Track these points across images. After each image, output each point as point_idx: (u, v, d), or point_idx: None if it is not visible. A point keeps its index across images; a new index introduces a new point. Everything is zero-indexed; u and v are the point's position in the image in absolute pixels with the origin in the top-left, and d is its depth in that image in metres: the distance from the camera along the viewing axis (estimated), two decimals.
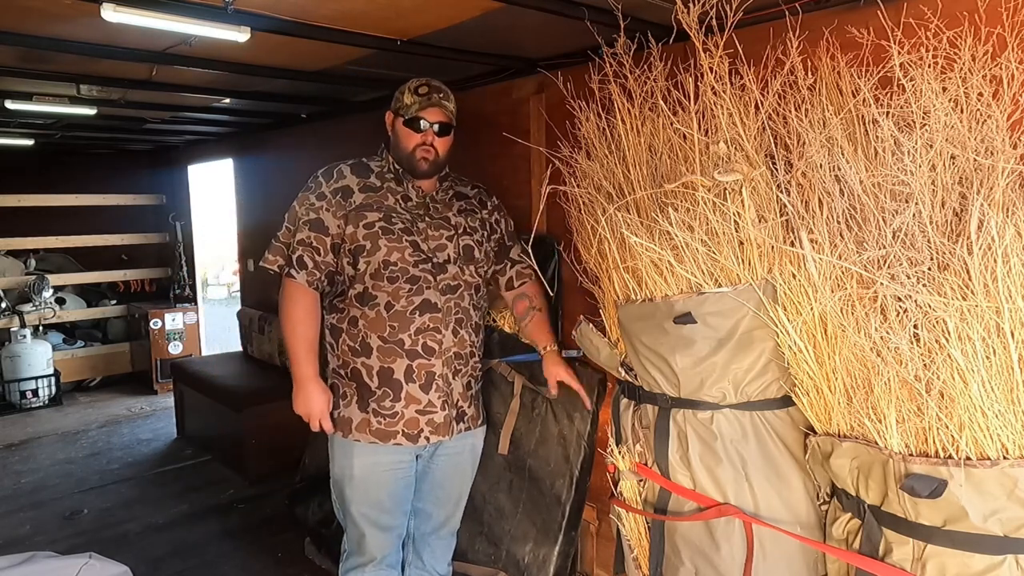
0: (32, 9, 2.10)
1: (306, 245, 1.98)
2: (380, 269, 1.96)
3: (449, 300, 2.01)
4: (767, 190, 1.67)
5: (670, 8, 1.72)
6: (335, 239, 1.99)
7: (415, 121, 2.00)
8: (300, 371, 2.02)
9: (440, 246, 2.03)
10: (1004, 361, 1.29)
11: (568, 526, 2.39)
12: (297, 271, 1.98)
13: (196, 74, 3.05)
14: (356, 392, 2.03)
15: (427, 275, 1.99)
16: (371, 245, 1.96)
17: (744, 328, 1.68)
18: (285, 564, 3.11)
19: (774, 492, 1.72)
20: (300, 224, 2.00)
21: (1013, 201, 1.33)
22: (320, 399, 2.03)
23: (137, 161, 6.93)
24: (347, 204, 1.99)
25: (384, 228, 1.97)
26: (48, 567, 1.88)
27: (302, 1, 2.04)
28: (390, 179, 2.06)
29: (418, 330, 1.98)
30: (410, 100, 2.01)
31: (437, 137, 2.02)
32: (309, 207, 2.00)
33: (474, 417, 2.17)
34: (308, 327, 2.01)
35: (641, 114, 1.88)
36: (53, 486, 4.04)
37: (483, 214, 2.19)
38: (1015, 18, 1.51)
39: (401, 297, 1.97)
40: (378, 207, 2.00)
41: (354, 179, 2.03)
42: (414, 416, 2.01)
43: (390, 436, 2.01)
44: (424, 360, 1.99)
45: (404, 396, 1.99)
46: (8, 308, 5.57)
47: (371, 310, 1.98)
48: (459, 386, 2.08)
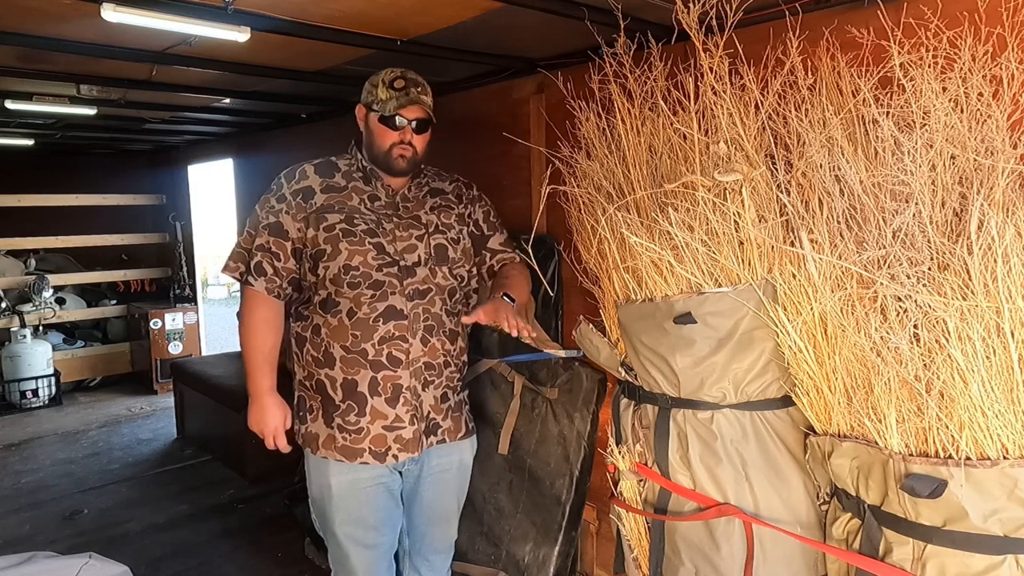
0: (32, 9, 2.10)
1: (265, 250, 1.86)
2: (340, 274, 1.83)
3: (417, 306, 1.87)
4: (767, 190, 1.67)
5: (670, 8, 1.72)
6: (296, 244, 1.87)
7: (392, 119, 1.87)
8: (254, 385, 1.92)
9: (409, 247, 1.89)
10: (1004, 361, 1.29)
11: (568, 526, 2.39)
12: (255, 278, 1.86)
13: (196, 74, 3.05)
14: (321, 406, 1.92)
15: (392, 279, 1.85)
16: (331, 249, 1.83)
17: (744, 328, 1.68)
18: (285, 564, 3.11)
19: (774, 492, 1.72)
20: (260, 228, 1.88)
21: (1013, 201, 1.33)
22: (275, 414, 1.92)
23: (137, 161, 6.94)
24: (308, 206, 1.87)
25: (345, 230, 1.84)
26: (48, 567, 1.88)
27: (302, 1, 2.04)
28: (358, 178, 1.94)
29: (382, 339, 1.85)
30: (385, 95, 1.86)
31: (415, 134, 1.89)
32: (269, 210, 1.88)
33: (452, 430, 2.00)
34: (264, 338, 1.90)
35: (641, 114, 1.88)
36: (53, 486, 4.04)
37: (459, 209, 2.03)
38: (1015, 18, 1.51)
39: (363, 304, 1.84)
40: (340, 208, 1.88)
41: (317, 179, 1.91)
42: (381, 432, 1.88)
43: (356, 454, 1.88)
44: (389, 371, 1.86)
45: (369, 411, 1.87)
46: (8, 308, 5.57)
47: (333, 318, 1.86)
48: (430, 399, 1.93)
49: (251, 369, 1.91)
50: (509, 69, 2.80)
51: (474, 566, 2.54)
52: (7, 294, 5.65)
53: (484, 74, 2.95)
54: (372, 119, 1.91)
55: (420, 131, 1.91)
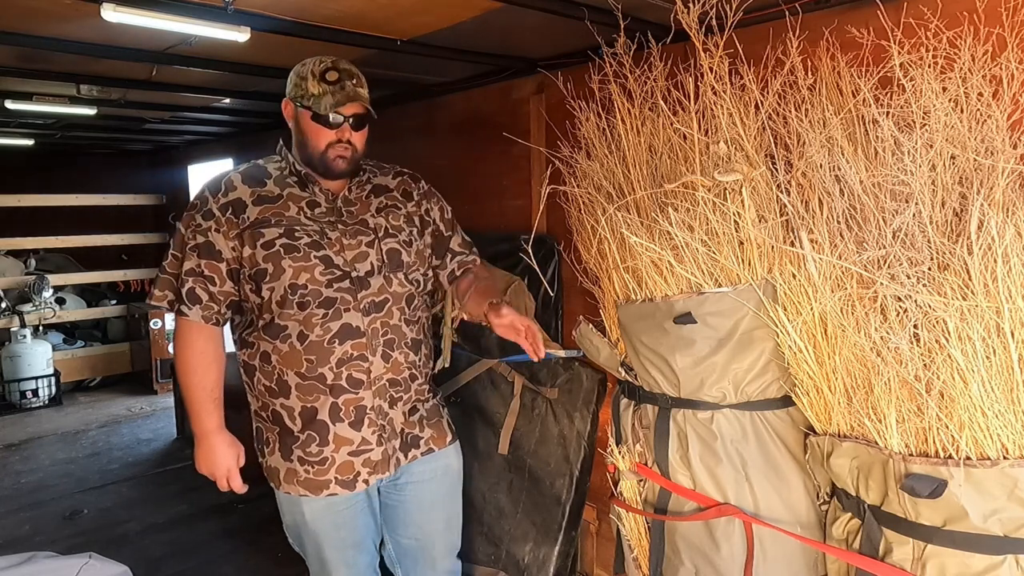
0: (32, 9, 2.10)
1: (196, 275, 1.67)
2: (287, 295, 1.65)
3: (374, 320, 1.70)
4: (767, 190, 1.67)
5: (670, 8, 1.72)
6: (231, 264, 1.67)
7: (326, 117, 1.67)
8: (199, 425, 1.74)
9: (359, 256, 1.70)
10: (1004, 361, 1.29)
11: (568, 526, 2.39)
12: (189, 306, 1.67)
13: (196, 74, 3.05)
14: (278, 438, 1.75)
15: (345, 295, 1.67)
16: (273, 268, 1.64)
17: (744, 328, 1.68)
18: (285, 564, 3.11)
19: (774, 492, 1.72)
20: (187, 250, 1.67)
21: (1013, 201, 1.34)
22: (225, 455, 1.75)
23: (137, 161, 6.94)
24: (239, 221, 1.66)
25: (287, 246, 1.65)
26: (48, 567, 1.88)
27: (302, 1, 2.04)
28: (292, 184, 1.74)
29: (340, 361, 1.67)
30: (317, 90, 1.65)
31: (354, 132, 1.70)
32: (196, 229, 1.67)
33: (437, 438, 1.86)
34: (204, 373, 1.71)
35: (641, 114, 1.88)
36: (53, 486, 4.04)
37: (408, 208, 1.84)
38: (1015, 18, 1.51)
39: (315, 325, 1.66)
40: (277, 221, 1.67)
41: (247, 190, 1.70)
42: (347, 460, 1.72)
43: (321, 487, 1.73)
44: (351, 394, 1.70)
45: (332, 438, 1.71)
46: (8, 308, 5.57)
47: (283, 343, 1.68)
48: (399, 416, 1.78)
49: (194, 409, 1.73)
50: (509, 69, 2.80)
51: (474, 566, 2.54)
52: (7, 294, 5.65)
53: (484, 74, 2.95)
54: (303, 117, 1.70)
55: (358, 127, 1.71)
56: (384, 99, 3.58)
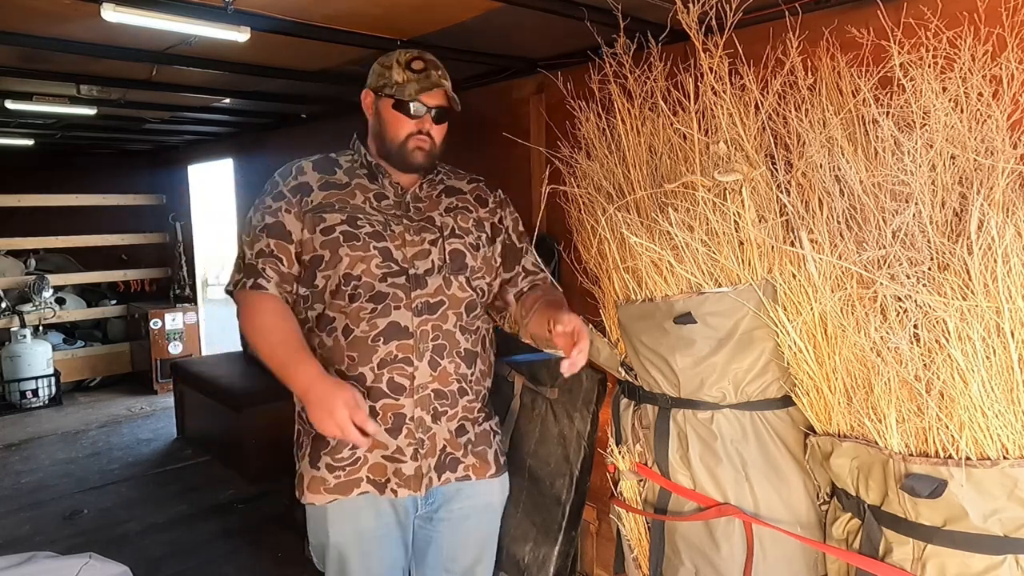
0: (32, 9, 2.10)
1: (267, 255, 1.60)
2: (340, 285, 1.58)
3: (426, 322, 1.60)
4: (767, 190, 1.67)
5: (670, 8, 1.73)
6: (298, 247, 1.62)
7: (409, 105, 1.62)
8: (300, 378, 1.51)
9: (421, 253, 1.63)
10: (1004, 361, 1.29)
11: (568, 526, 2.39)
12: (267, 280, 1.60)
13: (196, 74, 3.05)
14: (311, 442, 1.64)
15: (397, 291, 1.59)
16: (330, 255, 1.58)
17: (744, 328, 1.68)
18: (285, 564, 3.11)
19: (774, 492, 1.72)
20: (257, 232, 1.62)
21: (1013, 201, 1.33)
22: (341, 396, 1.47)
23: (137, 161, 6.93)
24: (304, 204, 1.63)
25: (347, 233, 1.59)
26: (48, 567, 1.88)
27: (302, 1, 2.04)
28: (361, 175, 1.70)
29: (382, 362, 1.58)
30: (402, 77, 1.63)
31: (434, 124, 1.67)
32: (266, 211, 1.64)
33: (478, 468, 1.70)
34: (286, 326, 1.58)
35: (641, 114, 1.88)
36: (53, 486, 4.04)
37: (481, 213, 1.78)
38: (1015, 18, 1.51)
39: (361, 320, 1.57)
40: (341, 207, 1.62)
41: (315, 175, 1.67)
42: (380, 462, 1.61)
43: (352, 487, 1.61)
44: (391, 400, 1.59)
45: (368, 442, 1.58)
46: (8, 308, 5.57)
47: (328, 337, 1.60)
48: (444, 432, 1.65)
49: (288, 363, 1.52)
50: (509, 69, 2.81)
51: None
52: (7, 294, 5.65)
53: (484, 74, 2.95)
54: (384, 105, 1.66)
55: (439, 120, 1.68)
56: None
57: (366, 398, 1.56)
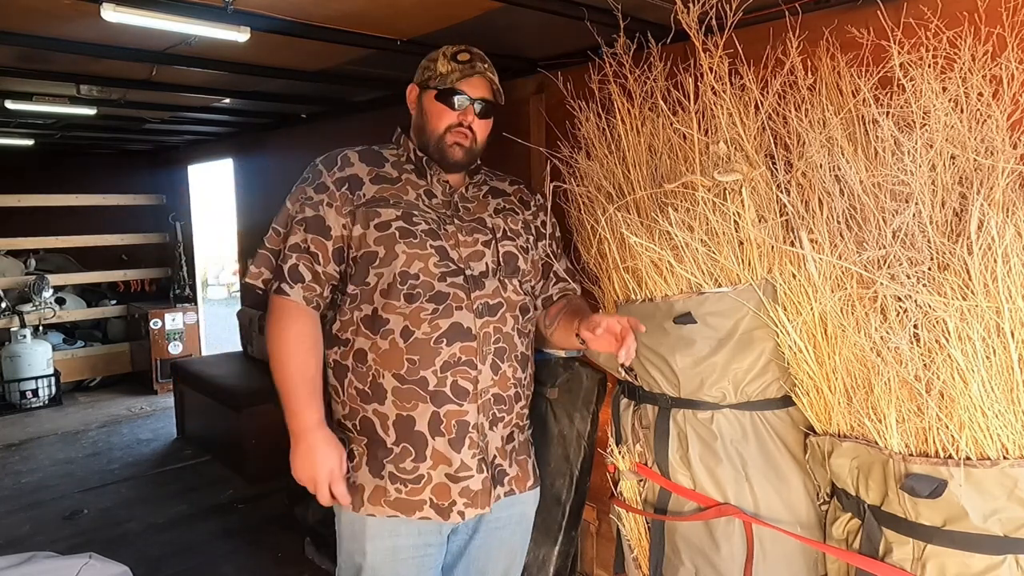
0: (32, 9, 2.10)
1: (301, 251, 1.54)
2: (396, 284, 1.51)
3: (487, 324, 1.54)
4: (767, 190, 1.67)
5: (670, 8, 1.72)
6: (338, 243, 1.55)
7: (452, 95, 1.57)
8: (297, 420, 1.52)
9: (475, 254, 1.58)
10: (1004, 361, 1.29)
11: (568, 526, 2.39)
12: (291, 285, 1.53)
13: (196, 74, 3.05)
14: (366, 450, 1.56)
15: (458, 291, 1.52)
16: (385, 252, 1.51)
17: (744, 328, 1.68)
18: (285, 564, 3.11)
19: (774, 492, 1.72)
20: (293, 224, 1.55)
21: (1013, 201, 1.33)
22: (328, 455, 1.51)
23: (137, 161, 6.93)
24: (355, 198, 1.55)
25: (403, 230, 1.52)
26: (48, 567, 1.88)
27: (302, 1, 2.04)
28: (409, 170, 1.63)
29: (446, 365, 1.51)
30: (446, 68, 1.57)
31: (477, 119, 1.60)
32: (305, 202, 1.55)
33: (520, 478, 1.66)
34: (306, 360, 1.53)
35: (641, 114, 1.88)
36: (53, 486, 4.04)
37: (526, 215, 1.75)
38: (1015, 18, 1.51)
39: (423, 321, 1.50)
40: (396, 203, 1.55)
41: (364, 167, 1.59)
42: (444, 482, 1.53)
43: (415, 508, 1.52)
44: (454, 406, 1.51)
45: (430, 454, 1.52)
46: (8, 308, 5.57)
47: (383, 339, 1.51)
48: (497, 439, 1.59)
49: (291, 400, 1.52)
50: (509, 69, 2.80)
51: None
52: (7, 294, 5.65)
53: None
54: (427, 97, 1.61)
55: (484, 115, 1.62)
56: (384, 99, 3.59)
57: (429, 403, 1.51)
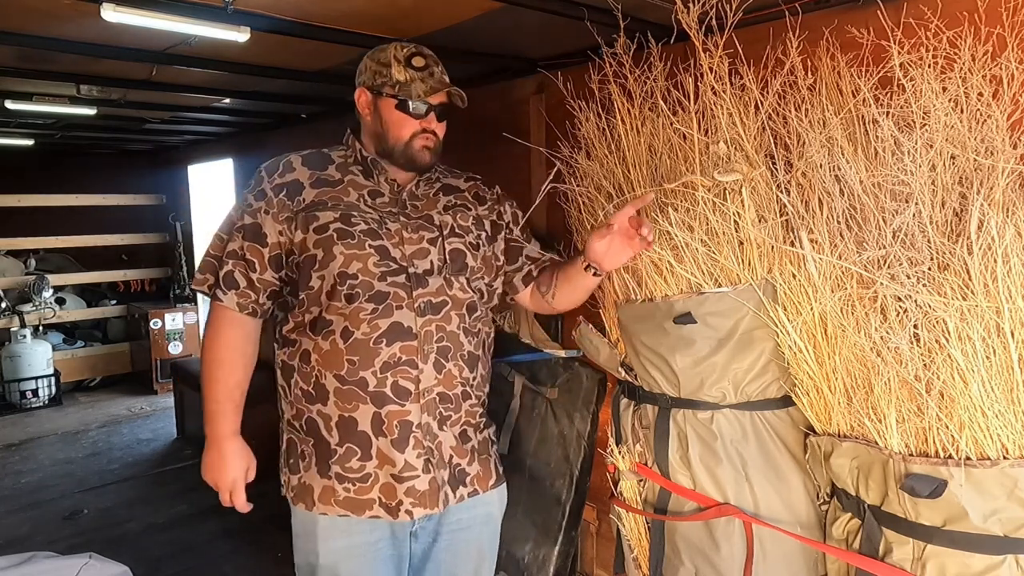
0: (32, 9, 2.10)
1: (238, 258, 1.55)
2: (336, 285, 1.51)
3: (429, 323, 1.53)
4: (767, 190, 1.67)
5: (670, 8, 1.72)
6: (274, 250, 1.56)
7: (417, 106, 1.57)
8: (212, 427, 1.58)
9: (420, 252, 1.57)
10: (1004, 361, 1.29)
11: (568, 526, 2.39)
12: (224, 291, 1.54)
13: (196, 74, 3.05)
14: (314, 451, 1.57)
15: (399, 290, 1.52)
16: (324, 254, 1.51)
17: (744, 328, 1.68)
18: (285, 564, 3.09)
19: (774, 492, 1.72)
20: (233, 231, 1.57)
21: (1013, 201, 1.33)
22: (234, 465, 1.59)
23: (137, 161, 6.94)
24: (294, 204, 1.55)
25: (341, 231, 1.52)
26: (48, 567, 1.88)
27: (302, 1, 2.04)
28: (356, 171, 1.63)
29: (385, 365, 1.50)
30: (404, 76, 1.56)
31: (438, 122, 1.63)
32: (245, 209, 1.57)
33: (482, 477, 1.66)
34: (231, 369, 1.56)
35: (641, 114, 1.88)
36: (53, 486, 4.04)
37: (480, 211, 1.72)
38: (1015, 18, 1.51)
39: (362, 321, 1.50)
40: (334, 205, 1.55)
41: (306, 171, 1.59)
42: (389, 482, 1.53)
43: (364, 507, 1.54)
44: (396, 406, 1.51)
45: (375, 454, 1.53)
46: (8, 308, 5.57)
47: (325, 340, 1.52)
48: (450, 439, 1.59)
49: (209, 408, 1.58)
50: (509, 69, 2.81)
51: None
52: (7, 294, 5.65)
53: (484, 74, 2.95)
54: (385, 106, 1.58)
55: (443, 118, 1.64)
56: None
57: (369, 404, 1.52)
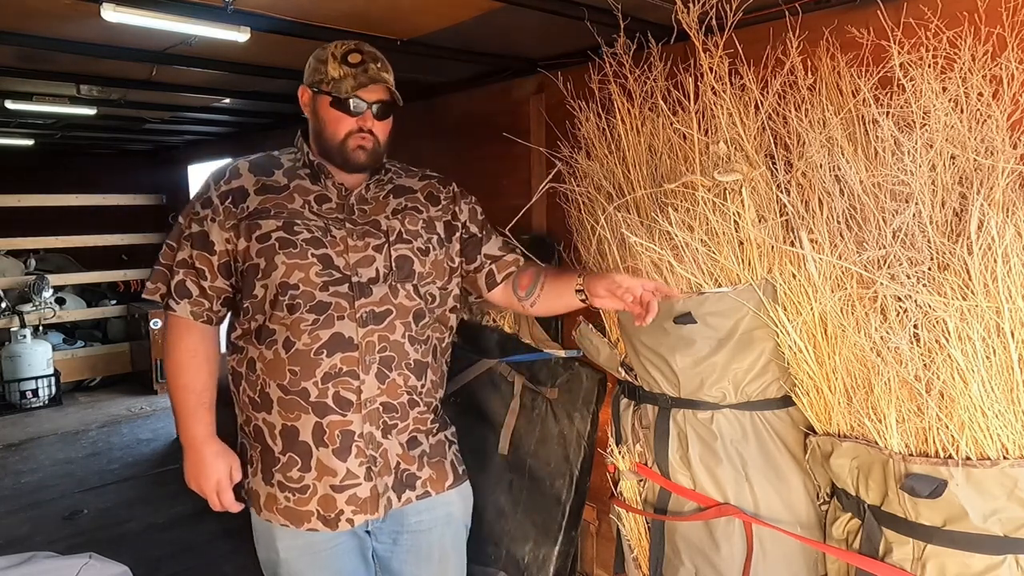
0: (32, 9, 2.10)
1: (188, 267, 1.54)
2: (278, 295, 1.50)
3: (371, 333, 1.51)
4: (767, 190, 1.67)
5: (670, 8, 1.73)
6: (223, 257, 1.55)
7: (347, 102, 1.53)
8: (186, 433, 1.60)
9: (365, 260, 1.54)
10: (1004, 361, 1.29)
11: (568, 526, 2.39)
12: (177, 301, 1.55)
13: (196, 74, 3.05)
14: (260, 457, 1.59)
15: (341, 300, 1.50)
16: (266, 263, 1.50)
17: (744, 328, 1.68)
18: None
19: (774, 492, 1.72)
20: (181, 240, 1.56)
21: (1013, 201, 1.34)
22: (215, 467, 1.58)
23: (137, 161, 6.94)
24: (239, 211, 1.54)
25: (283, 240, 1.50)
26: (48, 567, 1.88)
27: (302, 1, 2.05)
28: (303, 175, 1.60)
29: (327, 376, 1.50)
30: (338, 72, 1.52)
31: (376, 121, 1.56)
32: (193, 217, 1.56)
33: (436, 480, 1.63)
34: (195, 374, 1.58)
35: (641, 114, 1.88)
36: (53, 486, 4.04)
37: (432, 212, 1.66)
38: (1015, 18, 1.51)
39: (303, 332, 1.49)
40: (277, 213, 1.53)
41: (251, 178, 1.57)
42: (329, 494, 1.52)
43: (303, 518, 1.54)
44: (337, 416, 1.51)
45: (315, 465, 1.52)
46: (8, 308, 5.57)
47: (268, 350, 1.52)
48: (395, 447, 1.57)
49: (181, 413, 1.60)
50: (509, 69, 2.81)
51: (474, 566, 2.54)
52: (7, 294, 5.65)
53: (484, 74, 2.95)
54: (321, 103, 1.56)
55: (382, 116, 1.57)
56: None
57: (311, 414, 1.51)
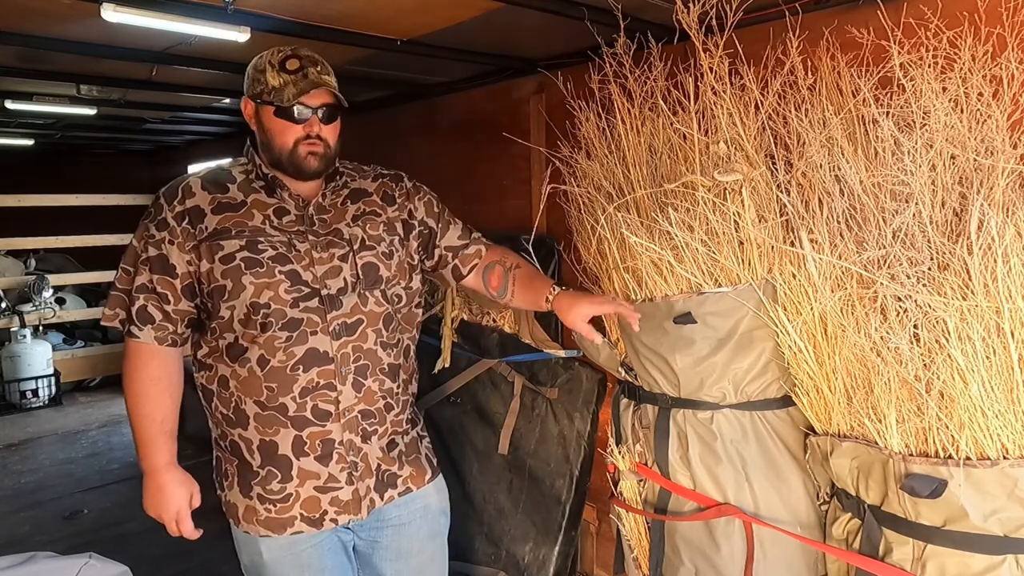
0: (32, 9, 2.10)
1: (149, 291, 1.51)
2: (249, 314, 1.48)
3: (345, 344, 1.52)
4: (767, 190, 1.67)
5: (670, 8, 1.73)
6: (185, 279, 1.51)
7: (291, 110, 1.49)
8: (147, 460, 1.57)
9: (332, 271, 1.52)
10: (1004, 361, 1.29)
11: (568, 526, 2.39)
12: (140, 327, 1.52)
13: (196, 74, 3.05)
14: (237, 471, 1.59)
15: (312, 315, 1.49)
16: (233, 285, 1.47)
17: (744, 328, 1.68)
18: None
19: (774, 492, 1.72)
20: (139, 264, 1.51)
21: (1013, 201, 1.34)
22: (175, 495, 1.57)
23: (136, 161, 6.94)
24: (197, 232, 1.50)
25: (248, 260, 1.48)
26: (48, 567, 1.88)
27: (302, 1, 2.04)
28: (258, 188, 1.56)
29: (304, 390, 1.50)
30: (278, 81, 1.48)
31: (323, 125, 1.53)
32: (148, 240, 1.51)
33: (416, 476, 1.67)
34: (157, 403, 1.56)
35: (641, 114, 1.88)
36: (53, 486, 4.04)
37: (389, 213, 1.65)
38: (1015, 18, 1.51)
39: (277, 349, 1.48)
40: (239, 232, 1.50)
41: (206, 196, 1.53)
42: (313, 495, 1.54)
43: (285, 525, 1.55)
44: (317, 427, 1.52)
45: (296, 473, 1.53)
46: (8, 308, 5.57)
47: (242, 368, 1.51)
48: (376, 451, 1.59)
49: (142, 442, 1.57)
50: (509, 69, 2.81)
51: (474, 566, 2.54)
52: (7, 294, 5.65)
53: (484, 74, 2.95)
54: (265, 114, 1.52)
55: (328, 120, 1.54)
56: (384, 99, 3.58)
57: (290, 428, 1.52)
